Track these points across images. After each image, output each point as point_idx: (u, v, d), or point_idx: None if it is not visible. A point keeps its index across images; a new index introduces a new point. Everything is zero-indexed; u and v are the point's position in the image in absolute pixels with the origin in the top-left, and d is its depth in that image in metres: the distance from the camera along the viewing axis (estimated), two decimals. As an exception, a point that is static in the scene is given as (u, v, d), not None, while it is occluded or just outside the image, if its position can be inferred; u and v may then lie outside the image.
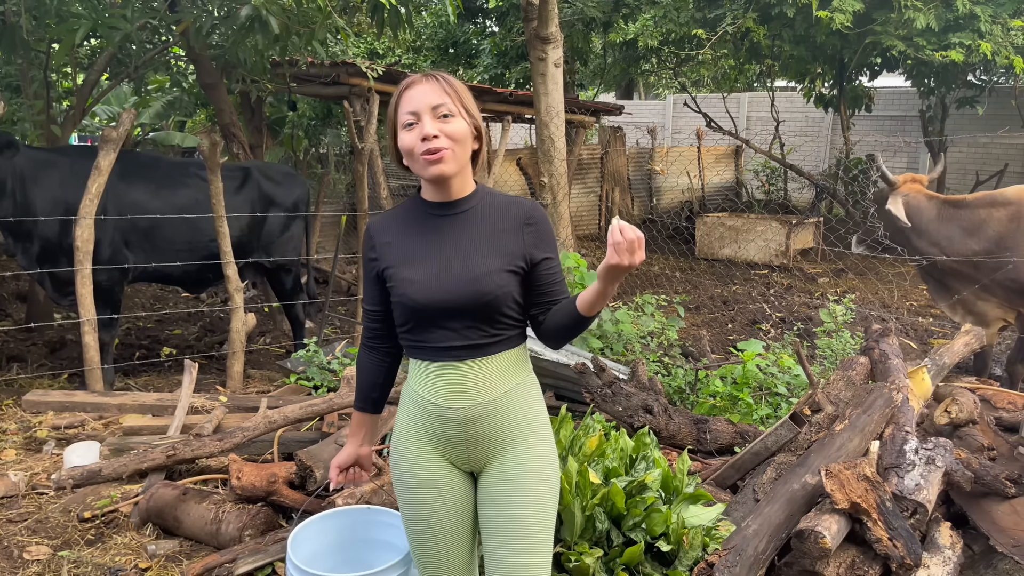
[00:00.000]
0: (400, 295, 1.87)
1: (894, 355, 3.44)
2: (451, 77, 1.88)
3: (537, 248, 1.90)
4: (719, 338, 7.08)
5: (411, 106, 1.83)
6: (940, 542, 2.47)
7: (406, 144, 1.84)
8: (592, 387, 3.58)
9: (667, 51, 11.38)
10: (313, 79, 7.80)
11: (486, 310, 1.84)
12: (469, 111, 1.86)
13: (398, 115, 1.86)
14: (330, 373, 4.92)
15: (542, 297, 1.93)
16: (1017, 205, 5.08)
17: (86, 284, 4.79)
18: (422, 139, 1.80)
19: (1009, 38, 8.91)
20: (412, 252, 1.90)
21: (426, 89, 1.83)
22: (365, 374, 2.09)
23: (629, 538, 2.51)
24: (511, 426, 1.90)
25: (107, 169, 4.80)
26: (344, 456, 2.14)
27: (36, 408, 4.51)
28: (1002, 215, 5.10)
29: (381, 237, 1.95)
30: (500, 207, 1.93)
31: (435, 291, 1.84)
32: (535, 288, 1.92)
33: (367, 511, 2.46)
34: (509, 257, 1.87)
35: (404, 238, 1.92)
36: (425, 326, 1.88)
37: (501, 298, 1.85)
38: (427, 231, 1.91)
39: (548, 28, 5.68)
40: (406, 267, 1.88)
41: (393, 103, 1.88)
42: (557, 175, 6.04)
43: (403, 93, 1.85)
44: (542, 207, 1.96)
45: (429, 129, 1.80)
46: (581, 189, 13.18)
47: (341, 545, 2.40)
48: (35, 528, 3.31)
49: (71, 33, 4.87)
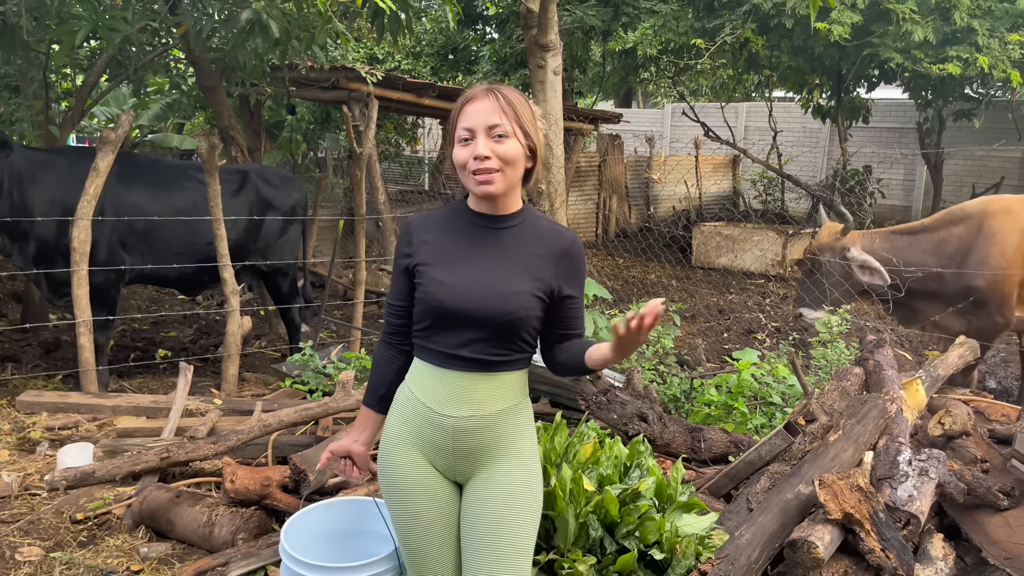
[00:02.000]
0: (426, 293, 1.89)
1: (889, 366, 3.44)
2: (512, 93, 1.88)
3: (568, 282, 1.94)
4: (715, 347, 7.09)
5: (468, 122, 1.84)
6: (933, 553, 2.47)
7: (459, 159, 1.85)
8: (587, 394, 3.58)
9: (666, 60, 11.41)
10: (312, 83, 7.81)
11: (504, 328, 1.86)
12: (526, 131, 1.86)
13: (456, 129, 1.87)
14: (325, 377, 4.91)
15: (559, 327, 1.99)
16: (978, 218, 5.06)
17: (82, 285, 4.78)
18: (474, 158, 1.82)
19: (1006, 52, 8.96)
20: (447, 255, 1.91)
21: (485, 107, 1.84)
22: (378, 369, 2.09)
23: (622, 546, 2.50)
24: (499, 444, 1.92)
25: (105, 170, 4.80)
26: (337, 445, 2.14)
27: (30, 409, 4.50)
28: (961, 231, 5.07)
29: (420, 234, 1.96)
30: (542, 232, 1.95)
31: (461, 298, 1.86)
32: (556, 319, 1.97)
33: (361, 502, 2.47)
34: (540, 283, 1.90)
35: (443, 240, 1.94)
36: (442, 330, 1.89)
37: (523, 320, 1.87)
38: (466, 239, 1.93)
39: (548, 36, 5.69)
40: (438, 268, 1.90)
41: (454, 115, 1.90)
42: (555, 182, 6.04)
43: (463, 107, 1.86)
44: (581, 241, 1.99)
45: (482, 150, 1.81)
46: (579, 196, 13.20)
47: (335, 535, 2.42)
48: (27, 529, 3.30)
49: (71, 34, 4.87)
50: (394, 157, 13.02)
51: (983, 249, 4.97)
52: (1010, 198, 5.33)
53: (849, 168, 12.32)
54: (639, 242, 11.66)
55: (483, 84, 1.93)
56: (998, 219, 5.06)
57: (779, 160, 13.02)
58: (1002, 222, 5.04)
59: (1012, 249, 4.97)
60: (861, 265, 5.12)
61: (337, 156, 12.36)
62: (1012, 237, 4.99)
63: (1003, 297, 5.00)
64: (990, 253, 4.96)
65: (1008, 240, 4.98)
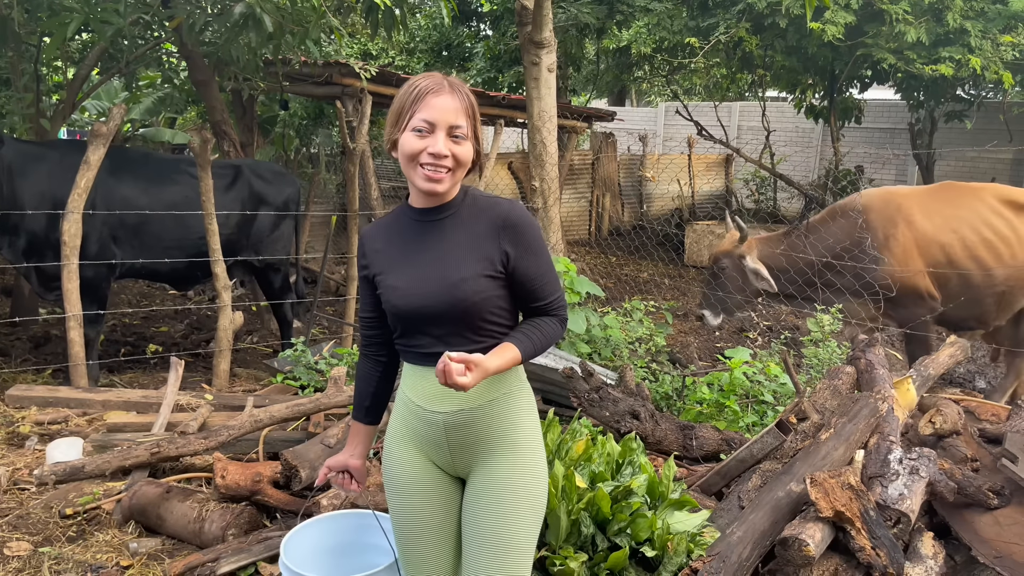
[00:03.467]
0: (386, 301, 1.89)
1: (880, 365, 3.45)
2: (470, 93, 1.84)
3: (516, 250, 1.84)
4: (707, 345, 7.11)
5: (430, 115, 1.77)
6: (923, 552, 2.48)
7: (411, 148, 1.79)
8: (580, 391, 3.58)
9: (660, 59, 11.42)
10: (306, 78, 7.79)
11: (466, 317, 1.83)
12: (477, 135, 1.84)
13: (412, 114, 1.79)
14: (317, 373, 4.90)
15: (529, 301, 1.90)
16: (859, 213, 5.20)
17: (72, 279, 4.76)
18: (430, 154, 1.77)
19: (999, 53, 8.99)
20: (396, 259, 1.90)
21: (449, 105, 1.78)
22: (359, 383, 2.11)
23: (614, 543, 2.51)
24: (494, 436, 1.90)
25: (96, 164, 4.77)
26: (335, 460, 2.14)
27: (19, 403, 4.47)
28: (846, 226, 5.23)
29: (371, 244, 1.96)
30: (481, 209, 1.88)
31: (414, 297, 1.84)
32: (521, 292, 1.89)
33: (360, 515, 2.46)
34: (486, 262, 1.82)
35: (390, 245, 1.93)
36: (411, 332, 1.89)
37: (480, 304, 1.82)
38: (411, 238, 1.90)
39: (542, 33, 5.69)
40: (391, 274, 1.89)
41: (408, 99, 1.80)
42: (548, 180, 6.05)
43: (425, 96, 1.78)
44: (523, 207, 1.90)
45: (442, 149, 1.77)
46: (572, 194, 13.20)
47: (334, 550, 2.41)
48: (16, 524, 3.28)
49: (63, 27, 4.84)
50: (387, 153, 13.01)
51: (873, 242, 5.13)
52: (890, 191, 5.48)
53: (841, 168, 12.35)
54: (632, 240, 11.67)
55: (432, 72, 1.84)
56: (876, 213, 5.20)
57: (772, 160, 13.05)
58: (880, 215, 5.18)
59: (895, 242, 5.09)
60: (754, 272, 5.39)
61: (330, 152, 12.32)
62: (892, 229, 5.12)
63: (909, 288, 5.09)
64: (885, 249, 5.10)
65: (889, 232, 5.11)
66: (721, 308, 5.63)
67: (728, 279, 5.52)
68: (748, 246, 5.47)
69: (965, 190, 5.32)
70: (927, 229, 5.09)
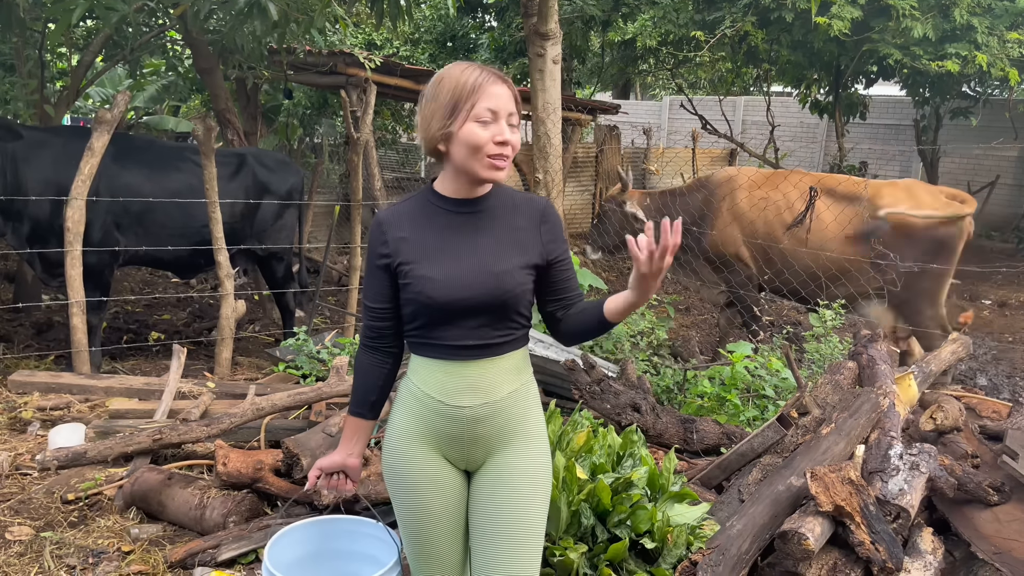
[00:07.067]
0: (417, 292, 1.82)
1: (882, 361, 3.46)
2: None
3: (554, 245, 1.92)
4: (708, 339, 7.10)
5: (493, 103, 1.77)
6: (922, 547, 2.49)
7: (477, 139, 1.77)
8: (581, 384, 3.59)
9: (665, 52, 11.38)
10: (310, 68, 7.76)
11: (503, 308, 1.84)
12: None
13: (473, 105, 1.76)
14: (319, 362, 4.91)
15: (559, 294, 1.96)
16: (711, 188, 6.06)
17: (76, 266, 4.76)
18: (496, 143, 1.78)
19: (1005, 50, 8.96)
20: (430, 249, 1.85)
21: (507, 94, 1.80)
22: (363, 376, 1.99)
23: (614, 534, 2.51)
24: (511, 426, 1.90)
25: (100, 151, 4.77)
26: (329, 462, 2.05)
27: (22, 389, 4.49)
28: (700, 197, 6.10)
29: (394, 232, 1.87)
30: (517, 203, 1.93)
31: (455, 289, 1.81)
32: (551, 285, 1.94)
33: (351, 521, 2.36)
34: (528, 256, 1.88)
35: (419, 234, 1.86)
36: (439, 324, 1.85)
37: (519, 296, 1.85)
38: (444, 228, 1.87)
39: (547, 24, 5.67)
40: (424, 264, 1.83)
41: (467, 90, 1.77)
42: (552, 172, 6.03)
43: (483, 86, 1.77)
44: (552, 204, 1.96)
45: (509, 136, 1.79)
46: (575, 187, 13.18)
47: (320, 556, 2.29)
48: (18, 508, 3.29)
49: (67, 13, 4.83)
50: (391, 144, 12.98)
51: (713, 215, 6.01)
52: (744, 171, 6.28)
53: (845, 164, 12.32)
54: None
55: (469, 62, 1.85)
56: (723, 188, 6.03)
57: (776, 154, 13.02)
58: (719, 191, 6.04)
59: (731, 216, 5.92)
60: (632, 216, 6.36)
61: (333, 142, 12.30)
62: (720, 204, 5.97)
63: (730, 255, 5.98)
64: (714, 219, 5.99)
65: (728, 207, 5.95)
66: (600, 244, 6.69)
67: (611, 220, 6.50)
68: (630, 195, 6.43)
69: (793, 177, 5.97)
70: (743, 207, 5.91)
